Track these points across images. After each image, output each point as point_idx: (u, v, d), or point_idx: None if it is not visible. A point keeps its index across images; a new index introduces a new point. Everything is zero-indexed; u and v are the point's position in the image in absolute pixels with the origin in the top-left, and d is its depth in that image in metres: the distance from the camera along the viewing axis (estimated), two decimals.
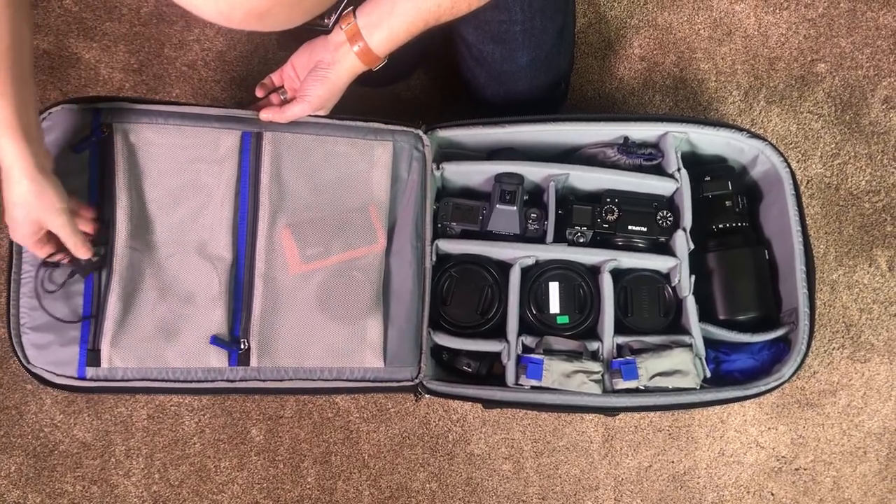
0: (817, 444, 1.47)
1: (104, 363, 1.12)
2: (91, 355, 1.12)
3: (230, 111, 1.18)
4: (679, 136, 1.29)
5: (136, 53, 1.58)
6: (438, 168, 1.28)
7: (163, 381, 1.14)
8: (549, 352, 1.22)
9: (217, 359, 1.14)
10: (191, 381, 1.15)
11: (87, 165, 1.14)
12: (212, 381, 1.15)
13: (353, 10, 1.06)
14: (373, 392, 1.22)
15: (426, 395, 1.24)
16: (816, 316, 1.21)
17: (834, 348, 1.49)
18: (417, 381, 1.20)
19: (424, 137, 1.26)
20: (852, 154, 1.55)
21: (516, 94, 1.33)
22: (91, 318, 1.12)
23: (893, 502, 1.46)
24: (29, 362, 1.12)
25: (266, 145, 1.19)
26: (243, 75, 1.57)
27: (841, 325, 1.50)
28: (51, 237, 1.06)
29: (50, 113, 1.13)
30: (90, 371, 1.11)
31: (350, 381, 1.20)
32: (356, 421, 1.47)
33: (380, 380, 1.20)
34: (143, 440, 1.47)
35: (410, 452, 1.47)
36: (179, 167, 1.16)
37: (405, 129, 1.26)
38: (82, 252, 1.07)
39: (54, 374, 1.12)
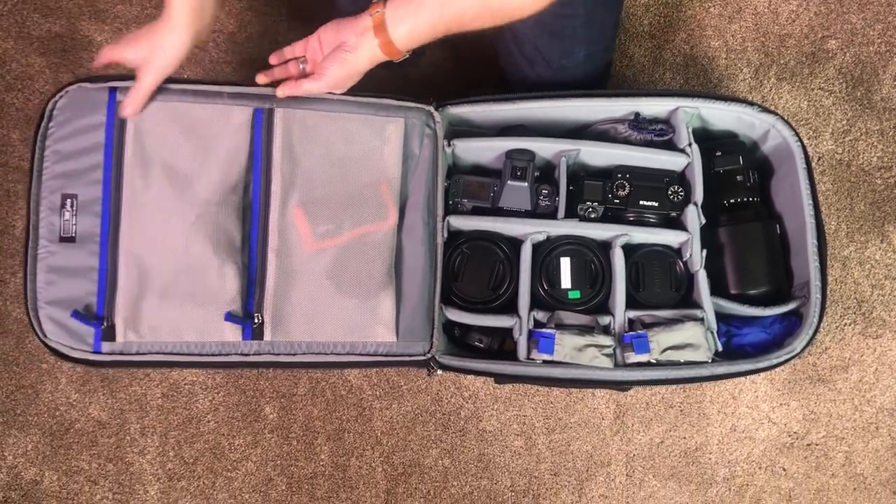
0: (829, 420, 1.48)
1: (119, 338, 1.12)
2: (106, 330, 1.12)
3: (242, 88, 1.18)
4: (690, 112, 1.29)
5: None
6: (450, 145, 1.28)
7: (178, 354, 1.15)
8: (561, 326, 1.22)
9: (231, 333, 1.15)
10: (205, 355, 1.15)
11: (102, 143, 1.15)
12: (226, 354, 1.15)
13: None
14: (385, 366, 1.23)
15: (438, 371, 1.24)
16: (828, 290, 1.21)
17: (846, 324, 1.49)
18: (429, 355, 1.21)
19: (436, 114, 1.26)
20: (864, 130, 1.55)
21: (567, 83, 1.33)
22: (106, 293, 1.13)
23: None
24: (46, 336, 1.12)
25: (277, 122, 1.19)
26: (253, 56, 1.58)
27: (853, 301, 1.50)
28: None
29: (67, 91, 1.14)
30: (106, 346, 1.12)
31: (362, 355, 1.20)
32: (369, 398, 1.48)
33: (392, 354, 1.20)
34: (158, 418, 1.48)
35: (423, 429, 1.48)
36: (192, 144, 1.16)
37: (416, 105, 1.26)
38: (126, 104, 1.12)
39: (71, 348, 1.13)
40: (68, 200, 1.13)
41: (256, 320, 1.16)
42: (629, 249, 1.29)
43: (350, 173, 1.22)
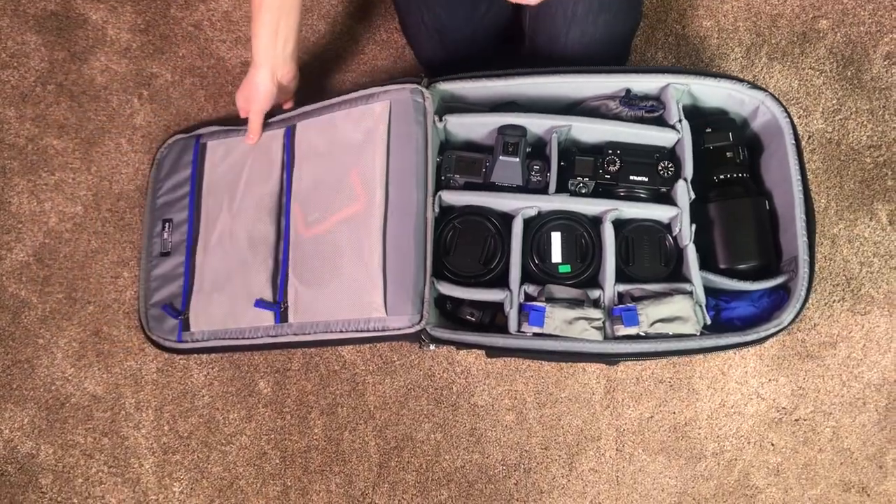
0: (817, 395, 1.49)
1: (193, 328, 1.39)
2: (184, 322, 1.40)
3: (279, 116, 1.42)
4: (680, 88, 1.30)
5: (142, 14, 1.60)
6: (441, 120, 1.29)
7: (229, 339, 1.36)
8: (551, 300, 1.23)
9: (267, 318, 1.33)
10: (248, 339, 1.34)
11: (189, 176, 1.48)
12: (261, 337, 1.33)
13: None
14: (377, 341, 1.25)
15: (431, 346, 1.26)
16: (816, 264, 1.22)
17: (834, 301, 1.50)
18: (420, 327, 1.22)
19: (425, 91, 1.28)
20: (854, 109, 1.56)
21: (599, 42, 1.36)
22: (186, 293, 1.41)
23: (892, 452, 1.48)
24: (151, 331, 1.44)
25: (297, 134, 1.38)
26: (248, 35, 1.58)
27: (841, 279, 1.51)
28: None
29: (169, 143, 1.52)
30: (185, 335, 1.40)
31: (357, 331, 1.24)
32: (362, 373, 1.50)
33: (384, 329, 1.23)
34: (153, 393, 1.50)
35: (415, 404, 1.49)
36: (245, 166, 1.42)
37: (405, 86, 1.28)
38: (247, 138, 1.42)
39: (165, 339, 1.42)
40: (166, 224, 1.47)
41: (283, 306, 1.32)
42: (619, 224, 1.30)
43: (336, 165, 1.32)
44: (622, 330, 1.20)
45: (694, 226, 1.26)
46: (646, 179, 1.29)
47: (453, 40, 1.39)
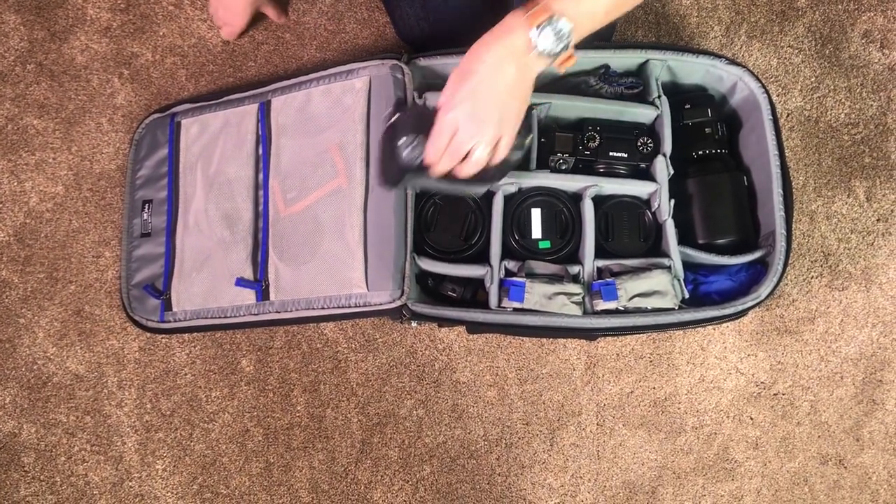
0: (795, 370, 1.51)
1: (175, 307, 1.40)
2: (166, 302, 1.41)
3: (249, 91, 1.43)
4: (659, 65, 1.31)
5: None
6: (421, 97, 1.29)
7: (212, 318, 1.37)
8: (531, 275, 1.24)
9: (249, 296, 1.34)
10: (230, 318, 1.35)
11: (167, 155, 1.48)
12: (243, 315, 1.34)
13: None
14: (359, 317, 1.25)
15: (414, 323, 1.26)
16: (794, 240, 1.24)
17: (812, 277, 1.52)
18: (401, 302, 1.22)
19: (405, 67, 1.28)
20: (832, 87, 1.57)
21: None
22: (168, 273, 1.42)
23: (868, 425, 1.50)
24: (133, 311, 1.45)
25: (273, 110, 1.39)
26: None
27: (819, 255, 1.52)
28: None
29: (146, 123, 1.51)
30: (167, 315, 1.41)
31: (340, 307, 1.25)
32: (344, 351, 1.50)
33: (365, 304, 1.23)
34: (135, 371, 1.50)
35: (398, 381, 1.50)
36: (220, 143, 1.42)
37: (384, 62, 1.29)
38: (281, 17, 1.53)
39: (147, 319, 1.43)
40: (146, 205, 1.48)
41: (264, 284, 1.33)
42: (599, 200, 1.31)
43: (315, 141, 1.32)
44: (601, 304, 1.21)
45: (673, 201, 1.27)
46: (625, 155, 1.30)
47: (439, 16, 1.38)
